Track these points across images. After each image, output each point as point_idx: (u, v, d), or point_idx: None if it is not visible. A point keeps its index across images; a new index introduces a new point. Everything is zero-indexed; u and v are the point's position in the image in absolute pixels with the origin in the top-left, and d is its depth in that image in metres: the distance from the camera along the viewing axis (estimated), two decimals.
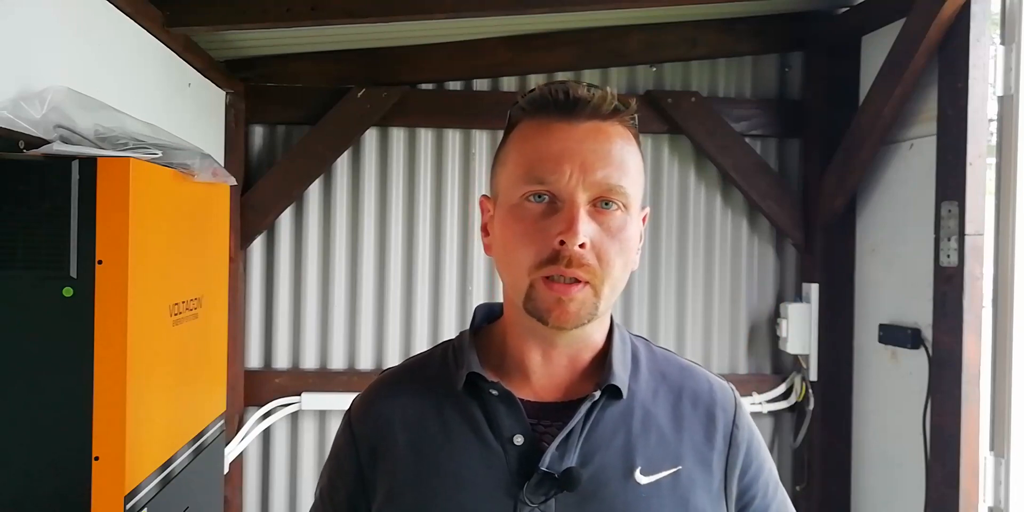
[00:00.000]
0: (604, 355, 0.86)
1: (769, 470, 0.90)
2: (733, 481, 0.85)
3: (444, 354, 0.91)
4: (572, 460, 0.80)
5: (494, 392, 0.83)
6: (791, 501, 0.93)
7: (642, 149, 0.85)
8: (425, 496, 0.81)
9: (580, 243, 0.76)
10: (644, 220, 0.87)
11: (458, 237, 2.76)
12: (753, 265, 2.83)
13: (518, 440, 0.81)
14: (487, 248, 0.87)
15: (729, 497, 0.85)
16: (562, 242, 0.76)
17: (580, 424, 0.81)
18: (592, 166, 0.78)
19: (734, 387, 0.92)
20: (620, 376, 0.84)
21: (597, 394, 0.81)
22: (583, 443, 0.81)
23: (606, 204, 0.79)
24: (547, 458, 0.79)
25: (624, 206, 0.80)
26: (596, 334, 0.86)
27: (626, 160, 0.80)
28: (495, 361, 0.87)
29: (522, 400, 0.83)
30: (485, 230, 0.89)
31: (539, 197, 0.79)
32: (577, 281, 0.77)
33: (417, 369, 0.92)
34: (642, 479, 0.80)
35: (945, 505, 2.05)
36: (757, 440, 0.89)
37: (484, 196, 0.89)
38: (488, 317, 0.94)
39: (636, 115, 0.84)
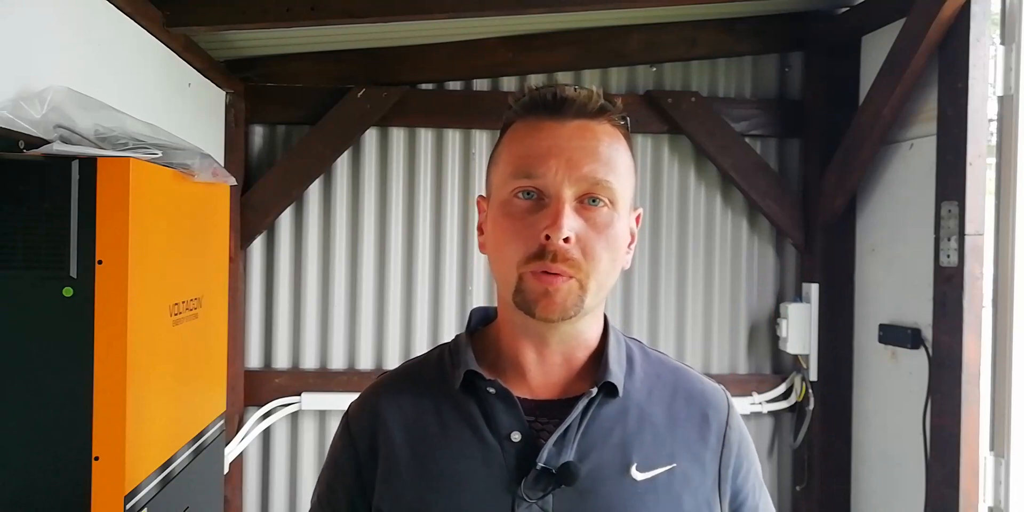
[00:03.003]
0: (599, 354, 0.87)
1: (756, 471, 0.91)
2: (727, 481, 0.86)
3: (441, 356, 0.92)
4: (569, 456, 0.80)
5: (491, 390, 0.83)
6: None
7: (633, 149, 0.87)
8: (424, 496, 0.81)
9: (564, 237, 0.77)
10: (637, 221, 0.88)
11: (458, 237, 2.76)
12: (753, 265, 2.83)
13: (515, 437, 0.82)
14: (481, 246, 0.89)
15: (723, 496, 0.85)
16: (548, 237, 0.77)
17: (577, 421, 0.82)
18: (578, 162, 0.79)
19: (726, 388, 0.94)
20: (616, 374, 0.85)
21: (595, 391, 0.82)
22: (580, 439, 0.82)
23: (593, 201, 0.80)
24: (544, 454, 0.80)
25: (611, 202, 0.81)
26: (588, 332, 0.87)
27: (613, 157, 0.81)
28: (491, 361, 0.88)
29: (519, 398, 0.84)
30: (480, 229, 0.90)
31: (527, 194, 0.80)
32: (562, 274, 0.78)
33: (414, 371, 0.93)
34: (638, 475, 0.81)
35: (945, 505, 2.05)
36: (747, 441, 0.91)
37: (481, 196, 0.91)
38: (484, 320, 0.95)
39: (626, 116, 0.85)
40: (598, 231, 0.80)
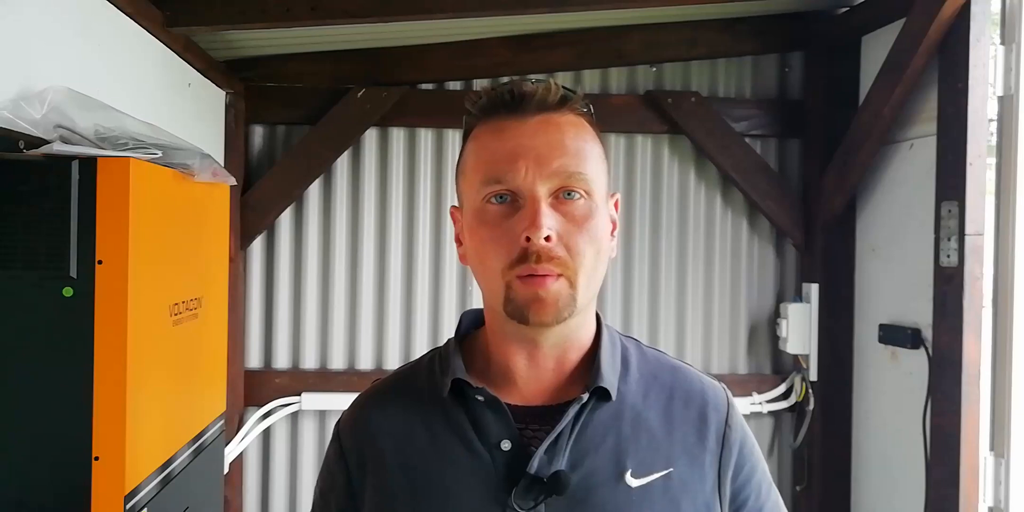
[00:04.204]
0: (592, 356, 0.85)
1: (762, 471, 0.89)
2: (727, 482, 0.84)
3: (431, 362, 0.90)
4: (561, 464, 0.79)
5: (480, 398, 0.81)
6: (790, 501, 0.93)
7: (601, 136, 0.84)
8: (413, 507, 0.80)
9: (545, 236, 0.75)
10: (616, 206, 0.85)
11: None
12: (753, 265, 2.83)
13: (505, 445, 0.80)
14: (462, 258, 0.86)
15: (723, 498, 0.83)
16: (528, 238, 0.75)
17: (569, 427, 0.80)
18: (546, 158, 0.77)
19: (726, 387, 0.91)
20: (609, 378, 0.82)
21: (585, 397, 0.80)
22: (572, 446, 0.80)
23: (568, 194, 0.78)
24: (535, 462, 0.78)
25: (587, 193, 0.78)
26: (580, 332, 0.85)
27: (582, 147, 0.79)
28: (481, 366, 0.86)
29: (509, 405, 0.82)
30: (458, 240, 0.88)
31: (500, 198, 0.78)
32: (550, 274, 0.76)
33: (404, 379, 0.91)
34: (633, 482, 0.79)
35: (945, 505, 2.05)
36: (750, 440, 0.88)
37: (454, 207, 0.89)
38: (475, 323, 0.93)
39: (589, 103, 0.83)
40: (578, 224, 0.77)
